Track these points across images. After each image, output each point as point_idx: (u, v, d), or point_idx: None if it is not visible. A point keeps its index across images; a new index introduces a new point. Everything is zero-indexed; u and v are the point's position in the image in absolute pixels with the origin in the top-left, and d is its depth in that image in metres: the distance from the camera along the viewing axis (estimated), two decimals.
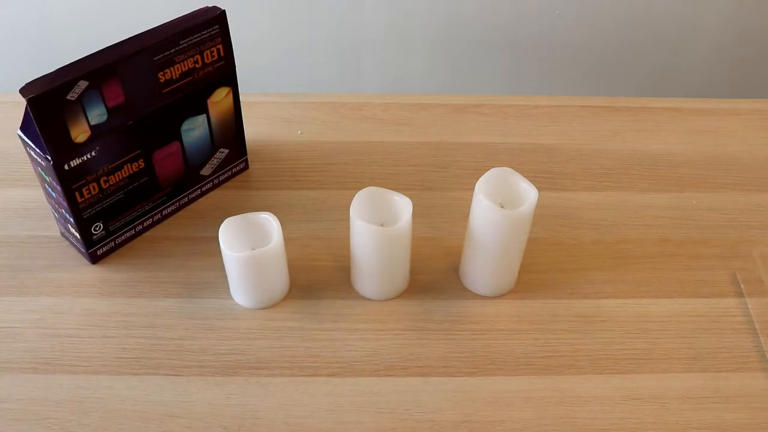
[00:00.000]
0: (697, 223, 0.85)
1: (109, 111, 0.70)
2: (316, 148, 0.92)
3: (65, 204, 0.71)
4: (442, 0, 1.16)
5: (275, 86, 1.24)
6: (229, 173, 0.87)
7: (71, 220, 0.73)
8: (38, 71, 0.66)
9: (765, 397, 0.69)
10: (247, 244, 0.72)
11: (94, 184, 0.72)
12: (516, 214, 0.68)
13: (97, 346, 0.71)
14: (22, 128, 0.69)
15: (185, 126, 0.78)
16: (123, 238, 0.79)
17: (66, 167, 0.69)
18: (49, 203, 0.77)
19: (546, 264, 0.80)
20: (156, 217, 0.82)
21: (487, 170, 0.71)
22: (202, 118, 0.79)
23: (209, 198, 0.86)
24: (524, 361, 0.71)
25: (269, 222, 0.71)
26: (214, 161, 0.84)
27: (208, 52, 0.75)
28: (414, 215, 0.70)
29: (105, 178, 0.73)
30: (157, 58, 0.71)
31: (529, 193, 0.69)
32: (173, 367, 0.69)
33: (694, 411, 0.68)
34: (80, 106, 0.67)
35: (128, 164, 0.75)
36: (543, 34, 1.21)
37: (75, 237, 0.76)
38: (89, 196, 0.72)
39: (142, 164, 0.76)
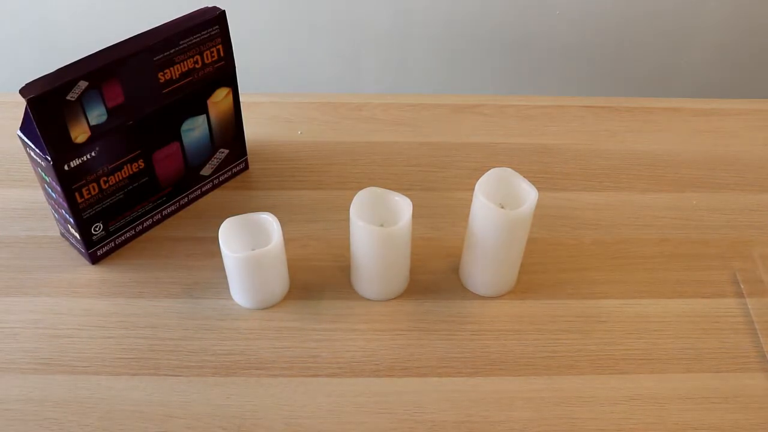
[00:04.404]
0: (697, 223, 0.85)
1: (109, 111, 0.70)
2: (316, 148, 0.92)
3: (65, 204, 0.71)
4: (442, 0, 1.16)
5: (275, 86, 1.24)
6: (229, 173, 0.87)
7: (71, 220, 0.73)
8: (38, 71, 0.66)
9: (765, 397, 0.69)
10: (247, 245, 0.72)
11: (94, 185, 0.72)
12: (516, 214, 0.68)
13: (97, 346, 0.71)
14: (22, 128, 0.69)
15: (185, 126, 0.78)
16: (123, 238, 0.79)
17: (66, 167, 0.69)
18: (49, 203, 0.77)
19: (546, 264, 0.80)
20: (156, 218, 0.82)
21: (487, 170, 0.71)
22: (202, 118, 0.79)
23: (209, 198, 0.86)
24: (524, 362, 0.71)
25: (269, 222, 0.71)
26: (214, 161, 0.84)
27: (208, 52, 0.75)
28: (414, 215, 0.70)
29: (105, 178, 0.73)
30: (157, 58, 0.71)
31: (529, 194, 0.69)
32: (173, 367, 0.69)
33: (694, 411, 0.68)
34: (80, 107, 0.67)
35: (128, 164, 0.75)
36: (543, 34, 1.21)
37: (75, 237, 0.76)
38: (89, 196, 0.72)
39: (142, 164, 0.76)
